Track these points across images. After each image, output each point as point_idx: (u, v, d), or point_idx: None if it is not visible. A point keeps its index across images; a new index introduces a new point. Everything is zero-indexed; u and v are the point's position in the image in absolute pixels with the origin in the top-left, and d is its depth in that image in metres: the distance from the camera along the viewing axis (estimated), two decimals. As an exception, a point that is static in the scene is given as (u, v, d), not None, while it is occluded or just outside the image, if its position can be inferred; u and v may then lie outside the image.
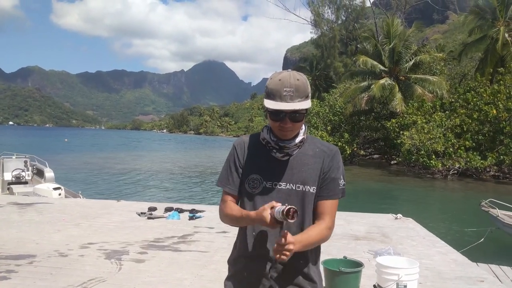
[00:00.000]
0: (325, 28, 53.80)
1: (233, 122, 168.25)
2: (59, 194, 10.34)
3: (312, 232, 1.61)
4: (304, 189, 1.65)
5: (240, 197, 1.72)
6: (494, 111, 22.49)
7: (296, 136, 1.66)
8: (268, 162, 1.67)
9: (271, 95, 1.57)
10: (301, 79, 1.57)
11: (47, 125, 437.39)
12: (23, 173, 12.40)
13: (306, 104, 1.56)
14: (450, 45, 48.55)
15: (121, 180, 21.69)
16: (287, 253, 1.46)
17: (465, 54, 29.96)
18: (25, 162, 12.92)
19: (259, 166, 1.68)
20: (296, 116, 1.58)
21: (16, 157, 13.15)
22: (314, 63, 52.47)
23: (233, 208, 1.68)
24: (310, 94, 1.60)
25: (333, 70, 50.09)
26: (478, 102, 23.46)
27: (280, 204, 1.49)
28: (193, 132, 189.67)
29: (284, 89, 1.54)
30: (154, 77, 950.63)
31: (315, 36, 54.96)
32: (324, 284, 3.64)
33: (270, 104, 1.56)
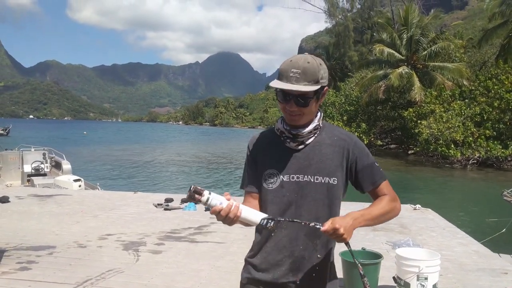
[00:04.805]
0: (339, 17, 53.11)
1: (248, 113, 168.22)
2: (79, 186, 10.53)
3: (374, 205, 1.58)
4: (323, 181, 1.57)
5: (260, 194, 1.66)
6: (516, 99, 21.89)
7: (310, 123, 1.59)
8: (283, 154, 1.61)
9: (280, 75, 1.52)
10: (312, 62, 1.50)
11: (66, 118, 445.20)
12: (42, 165, 12.63)
13: (312, 88, 1.49)
14: (469, 32, 47.30)
15: (138, 172, 21.93)
16: (339, 236, 1.40)
17: (485, 41, 29.15)
18: (44, 154, 13.16)
19: (274, 160, 1.62)
20: (300, 100, 1.51)
21: (34, 150, 13.39)
22: (330, 51, 51.85)
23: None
24: (322, 80, 1.52)
25: (348, 59, 49.49)
26: (499, 90, 22.85)
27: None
28: (208, 123, 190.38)
29: (292, 70, 1.49)
30: (169, 70, 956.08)
31: (330, 26, 54.36)
32: (342, 276, 3.61)
33: (275, 83, 1.51)
